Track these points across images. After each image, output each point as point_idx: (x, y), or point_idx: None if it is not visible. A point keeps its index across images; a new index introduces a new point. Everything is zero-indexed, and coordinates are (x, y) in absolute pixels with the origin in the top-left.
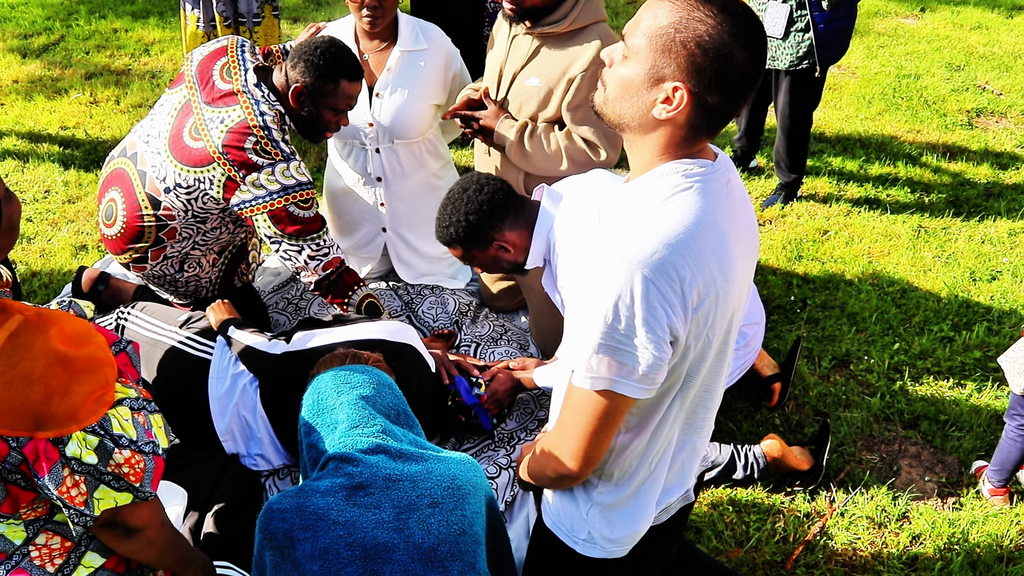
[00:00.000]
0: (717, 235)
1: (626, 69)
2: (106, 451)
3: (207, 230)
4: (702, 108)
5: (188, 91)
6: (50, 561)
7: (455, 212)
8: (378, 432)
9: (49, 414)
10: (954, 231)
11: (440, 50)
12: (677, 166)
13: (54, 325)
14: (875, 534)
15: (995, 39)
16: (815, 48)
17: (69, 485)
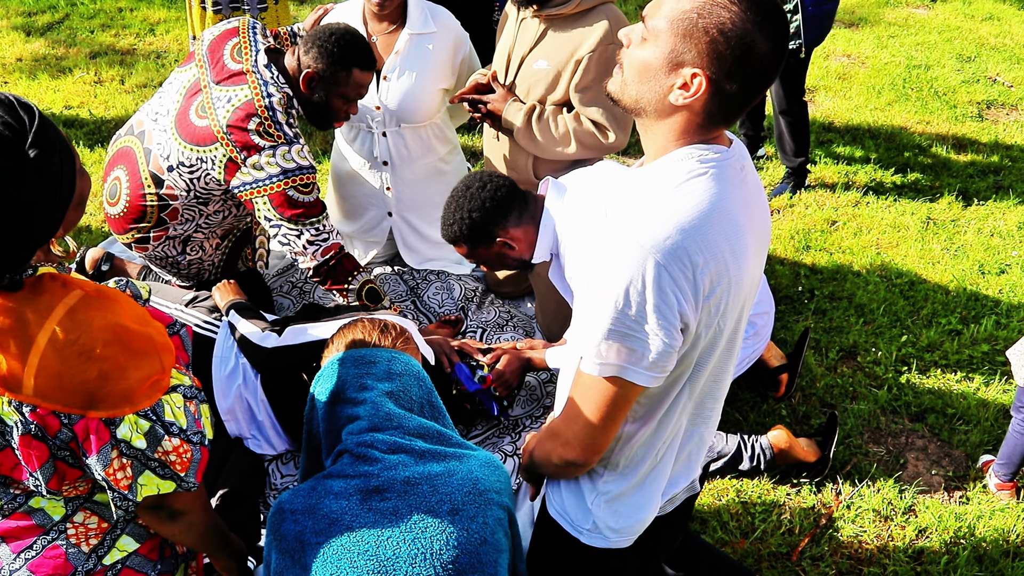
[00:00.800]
0: (731, 222)
1: (644, 52)
2: (156, 437)
3: (210, 212)
4: (720, 96)
5: (198, 70)
6: (86, 540)
7: (459, 210)
8: (400, 434)
9: (104, 394)
10: (963, 223)
11: (449, 33)
12: (692, 151)
13: (115, 303)
14: (881, 527)
15: (1006, 31)
16: (801, 29)
17: (116, 467)
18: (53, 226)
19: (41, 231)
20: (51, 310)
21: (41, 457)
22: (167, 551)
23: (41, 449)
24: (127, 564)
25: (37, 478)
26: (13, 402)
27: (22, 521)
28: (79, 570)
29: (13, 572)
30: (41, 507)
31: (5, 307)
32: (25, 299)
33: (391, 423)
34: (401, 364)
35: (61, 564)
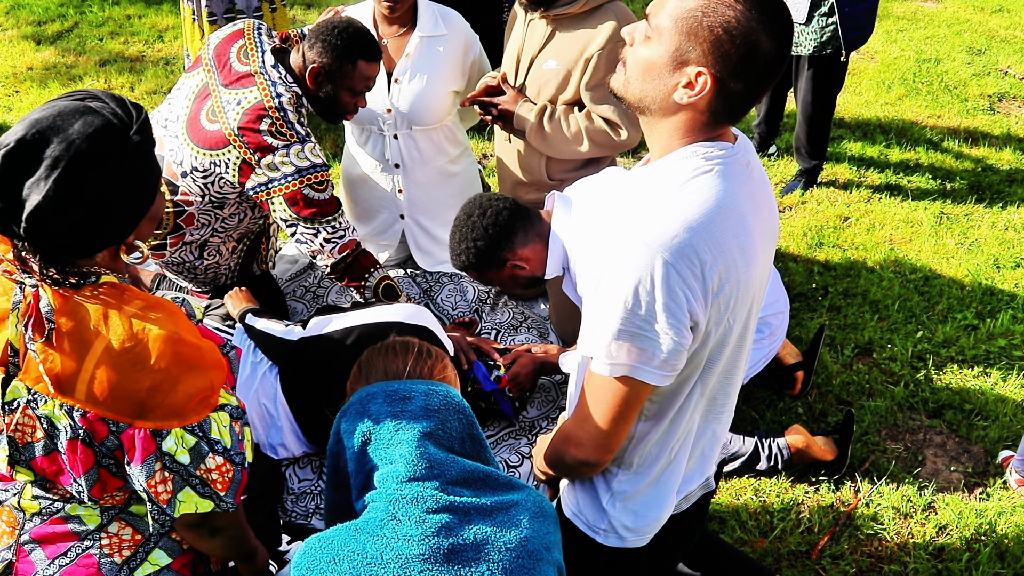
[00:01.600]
0: (738, 218)
1: (648, 50)
2: (200, 454)
3: (225, 216)
4: (724, 94)
5: (206, 74)
6: (119, 551)
7: (463, 240)
8: (442, 485)
9: (154, 404)
10: (976, 217)
11: (460, 36)
12: (697, 149)
13: (173, 316)
14: (901, 524)
15: (1016, 22)
16: (840, 32)
17: (158, 480)
18: (130, 222)
19: (120, 221)
20: (110, 317)
21: (87, 463)
22: (200, 568)
23: (87, 455)
24: None
25: (80, 484)
26: (64, 405)
27: (58, 527)
28: None
29: None
30: (77, 514)
31: (66, 309)
32: (86, 304)
33: (432, 472)
34: (439, 398)
35: (94, 573)
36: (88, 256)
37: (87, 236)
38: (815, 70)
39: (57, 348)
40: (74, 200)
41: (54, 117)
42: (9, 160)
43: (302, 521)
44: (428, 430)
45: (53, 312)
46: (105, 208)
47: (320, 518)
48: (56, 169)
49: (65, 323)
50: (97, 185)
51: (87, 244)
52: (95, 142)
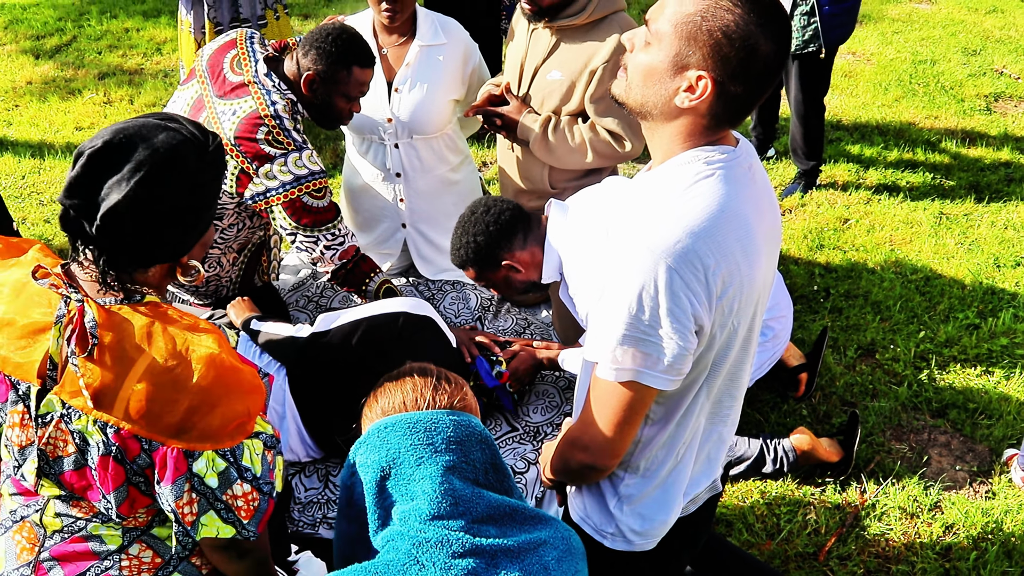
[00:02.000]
0: (740, 222)
1: (649, 56)
2: (229, 479)
3: (224, 227)
4: (725, 98)
5: (200, 86)
6: (138, 574)
7: (464, 235)
8: (467, 525)
9: (190, 425)
10: (976, 217)
11: (459, 44)
12: (699, 153)
13: (217, 338)
14: (907, 524)
15: (1011, 22)
16: (820, 31)
17: (185, 501)
18: (192, 238)
19: (184, 235)
20: (154, 335)
21: (117, 480)
22: None
23: (118, 472)
24: None
25: (109, 501)
26: (98, 421)
27: (79, 545)
28: None
29: None
30: (99, 534)
31: (110, 324)
32: (130, 320)
33: (457, 510)
34: (462, 429)
35: None
36: (146, 267)
37: (153, 244)
38: (800, 68)
39: (98, 363)
40: (151, 204)
41: (139, 127)
42: (95, 159)
43: (309, 531)
44: (451, 463)
45: (97, 327)
46: (176, 218)
47: (328, 528)
48: (139, 172)
49: (109, 338)
50: (174, 193)
51: (150, 253)
52: (177, 152)
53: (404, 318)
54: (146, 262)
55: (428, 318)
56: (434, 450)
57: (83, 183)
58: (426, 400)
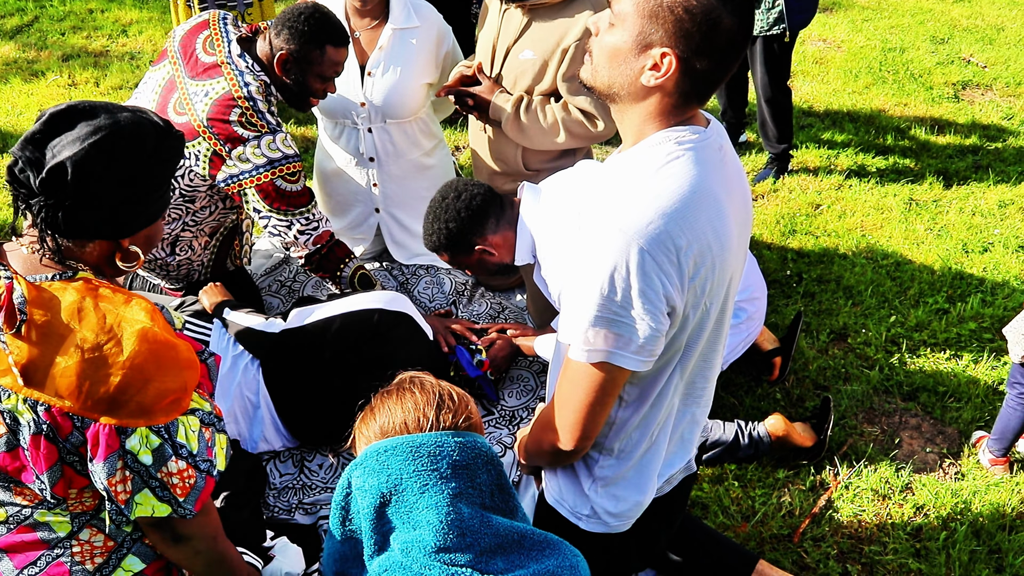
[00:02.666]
0: (712, 202)
1: (613, 37)
2: (163, 456)
3: (196, 209)
4: (690, 74)
5: (172, 67)
6: (91, 559)
7: (436, 220)
8: (474, 559)
9: (122, 401)
10: (945, 203)
11: (432, 27)
12: (669, 134)
13: (149, 314)
14: (879, 506)
15: (978, 12)
16: (784, 13)
17: (118, 479)
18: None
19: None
20: (85, 311)
21: (50, 459)
22: (173, 572)
23: (51, 451)
24: None
25: (43, 481)
26: (28, 400)
27: (26, 535)
28: None
29: None
30: (47, 521)
31: (39, 301)
32: (60, 296)
33: (464, 541)
34: (468, 452)
35: None
36: (86, 237)
37: (93, 214)
38: (765, 50)
39: (27, 340)
40: (99, 169)
41: (106, 103)
42: (56, 117)
43: (284, 516)
44: (458, 490)
45: (26, 303)
46: (121, 193)
47: (304, 513)
48: (96, 135)
49: (38, 315)
50: (124, 166)
51: (89, 223)
52: (138, 128)
53: (379, 315)
54: (84, 233)
55: (403, 314)
56: (439, 476)
57: (39, 139)
58: (429, 421)
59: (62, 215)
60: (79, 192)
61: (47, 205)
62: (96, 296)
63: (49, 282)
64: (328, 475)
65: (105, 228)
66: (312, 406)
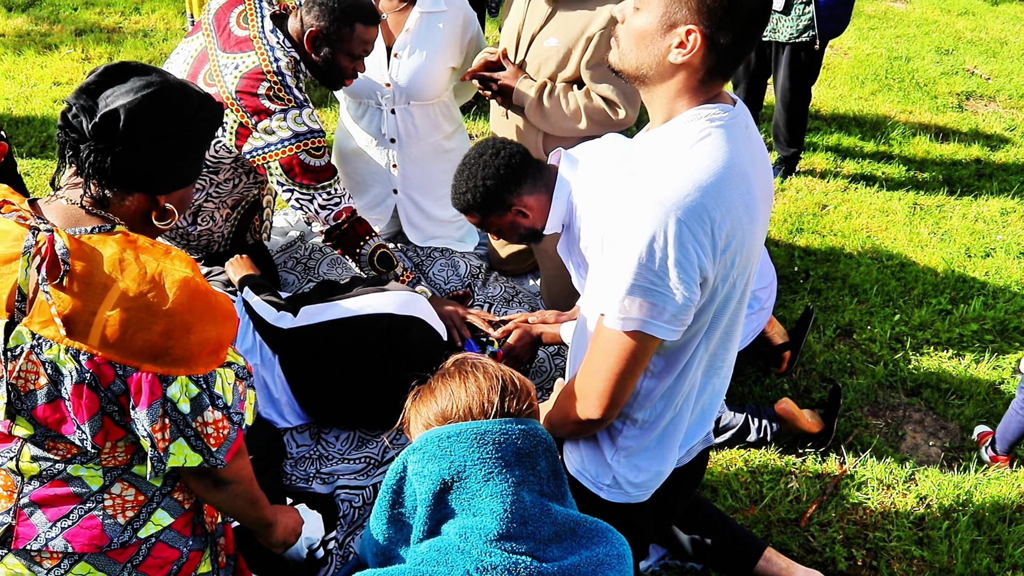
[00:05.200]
0: (742, 178)
1: (639, 20)
2: (200, 406)
3: (220, 181)
4: (716, 49)
5: (204, 39)
6: (122, 512)
7: (472, 178)
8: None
9: (165, 349)
10: (948, 209)
11: (459, 12)
12: (700, 111)
13: (189, 264)
14: (884, 495)
15: (981, 25)
16: (816, 21)
17: (160, 426)
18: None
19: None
20: (126, 261)
21: (91, 408)
22: (198, 529)
23: (92, 400)
24: (161, 538)
25: (84, 431)
26: (71, 349)
27: (59, 489)
28: (114, 542)
29: (49, 540)
30: (80, 475)
31: (81, 253)
32: (100, 248)
33: (524, 530)
34: (531, 440)
35: (97, 535)
36: (127, 188)
37: (141, 162)
38: (792, 57)
39: (69, 291)
40: (148, 120)
41: (156, 67)
42: (112, 71)
43: (303, 484)
44: (520, 479)
45: (68, 255)
46: (165, 146)
47: (321, 483)
48: (148, 89)
49: (80, 267)
50: (171, 119)
51: (135, 172)
52: (186, 88)
53: (388, 321)
54: (126, 182)
55: (414, 318)
56: (504, 464)
57: (93, 88)
58: (494, 407)
59: (110, 160)
60: (128, 139)
61: (97, 150)
62: (136, 247)
63: (88, 235)
64: (345, 446)
65: (146, 180)
66: (327, 395)
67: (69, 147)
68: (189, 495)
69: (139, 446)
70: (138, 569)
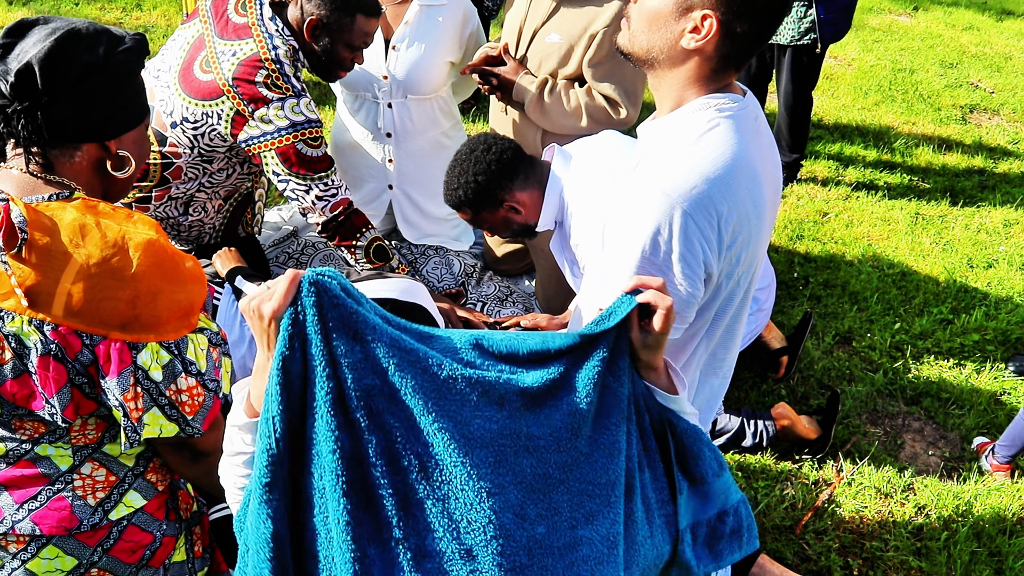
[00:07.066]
0: (751, 172)
1: (653, 1)
2: (173, 373)
3: (213, 171)
4: (731, 37)
5: (202, 25)
6: (92, 493)
7: (463, 173)
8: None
9: (132, 317)
10: (951, 219)
11: (459, 7)
12: (709, 100)
13: (154, 227)
14: (881, 504)
15: (986, 40)
16: (817, 24)
17: (131, 396)
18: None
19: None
20: (87, 228)
21: (59, 381)
22: (172, 514)
23: (60, 372)
24: (133, 521)
25: (53, 405)
26: (34, 321)
27: (27, 470)
28: (84, 523)
29: (16, 523)
30: (48, 455)
31: (39, 223)
32: (59, 216)
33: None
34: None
35: (66, 517)
36: (70, 141)
37: (72, 109)
38: (793, 60)
39: (28, 262)
40: (65, 64)
41: (63, 17)
42: (11, 30)
43: None
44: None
45: (26, 223)
46: (92, 89)
47: None
48: (55, 35)
49: (39, 236)
50: (88, 59)
51: (72, 122)
52: (95, 28)
53: (392, 304)
54: (67, 135)
55: (417, 305)
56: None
57: (1, 53)
58: None
59: (41, 116)
60: (50, 90)
61: (25, 109)
62: (96, 212)
63: (46, 203)
64: None
65: (86, 126)
66: None
67: (0, 119)
68: (163, 476)
69: (111, 423)
70: (108, 553)
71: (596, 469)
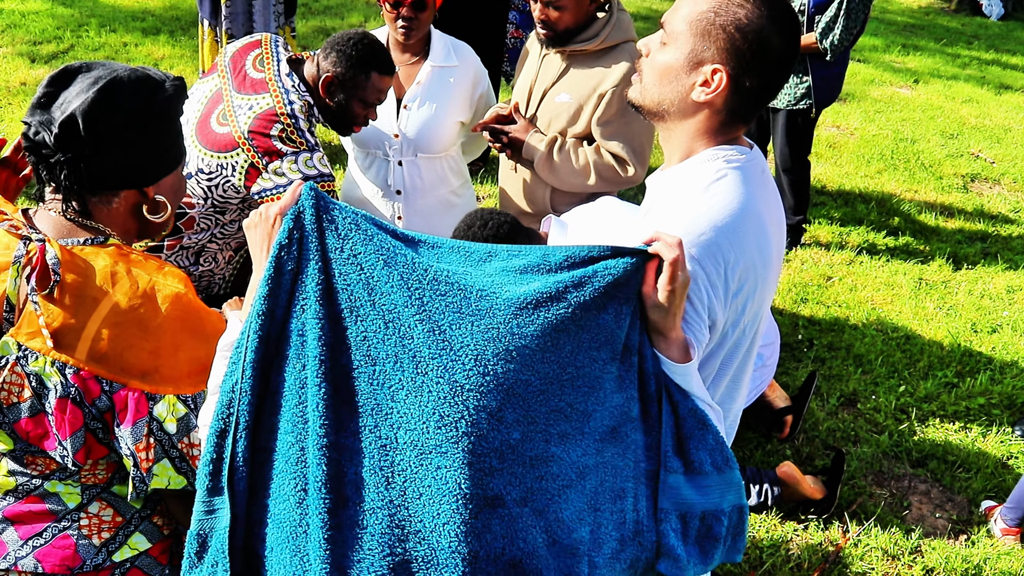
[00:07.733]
0: (757, 222)
1: (665, 55)
2: (187, 427)
3: (226, 222)
4: (740, 91)
5: (220, 79)
6: (98, 533)
7: None
8: None
9: (152, 367)
10: (954, 285)
11: (470, 68)
12: (718, 152)
13: (182, 280)
14: (889, 566)
15: (985, 112)
16: (812, 90)
17: (144, 446)
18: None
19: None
20: (118, 275)
21: (74, 424)
22: (176, 559)
23: (76, 415)
24: (136, 564)
25: (66, 448)
26: (57, 363)
27: (35, 505)
28: (87, 564)
29: (19, 559)
30: (57, 492)
31: (72, 265)
32: (92, 261)
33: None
34: None
35: (70, 556)
36: (110, 188)
37: (114, 158)
38: (788, 123)
39: (59, 303)
40: (108, 114)
41: (100, 61)
42: (56, 78)
43: None
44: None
45: (60, 265)
46: (133, 137)
47: None
48: (97, 84)
49: (71, 279)
50: (131, 109)
51: (113, 170)
52: (137, 75)
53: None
54: (108, 182)
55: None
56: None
57: (44, 102)
58: None
59: (84, 167)
60: (93, 139)
61: (68, 160)
62: (128, 261)
63: (81, 246)
64: None
65: (127, 174)
66: None
67: (42, 166)
68: (169, 520)
69: (121, 464)
70: None
71: (576, 394)
